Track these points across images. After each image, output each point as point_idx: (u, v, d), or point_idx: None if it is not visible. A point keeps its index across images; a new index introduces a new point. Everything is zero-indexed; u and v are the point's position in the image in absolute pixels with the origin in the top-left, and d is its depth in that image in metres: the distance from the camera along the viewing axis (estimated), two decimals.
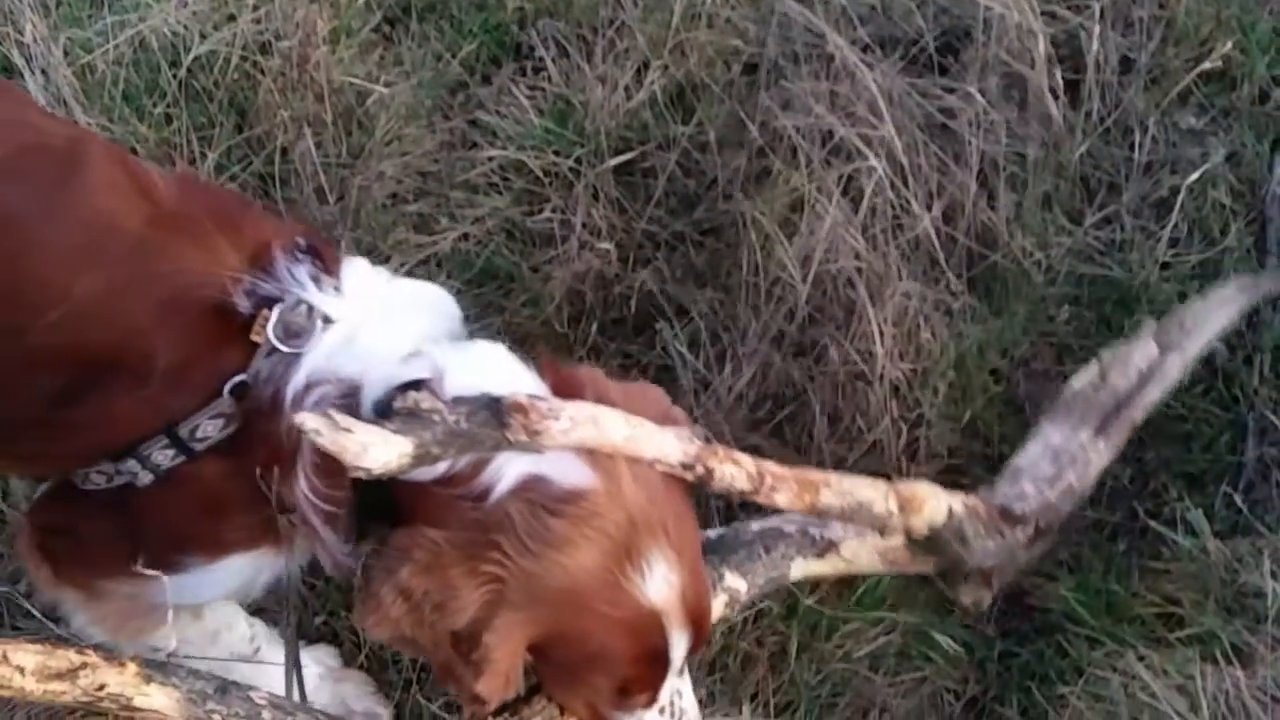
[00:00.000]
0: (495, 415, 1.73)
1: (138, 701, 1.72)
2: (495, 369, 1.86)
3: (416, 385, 1.80)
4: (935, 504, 2.24)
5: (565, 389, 1.84)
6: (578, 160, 3.01)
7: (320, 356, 1.85)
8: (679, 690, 1.89)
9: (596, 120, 3.03)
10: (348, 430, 1.66)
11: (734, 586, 2.22)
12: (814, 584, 2.48)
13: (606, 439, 1.77)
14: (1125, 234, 2.96)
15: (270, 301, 1.87)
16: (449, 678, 1.85)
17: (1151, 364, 2.54)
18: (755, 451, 2.62)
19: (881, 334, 2.64)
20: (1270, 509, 2.54)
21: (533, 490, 1.76)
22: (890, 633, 2.53)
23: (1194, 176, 2.97)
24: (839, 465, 2.58)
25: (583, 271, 2.92)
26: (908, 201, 2.80)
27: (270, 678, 2.24)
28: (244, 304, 1.86)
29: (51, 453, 1.96)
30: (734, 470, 1.92)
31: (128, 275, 1.87)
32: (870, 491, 2.13)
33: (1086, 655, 2.40)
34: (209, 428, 1.87)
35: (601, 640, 1.79)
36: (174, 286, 1.86)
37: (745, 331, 2.73)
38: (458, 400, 1.75)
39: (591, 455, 1.78)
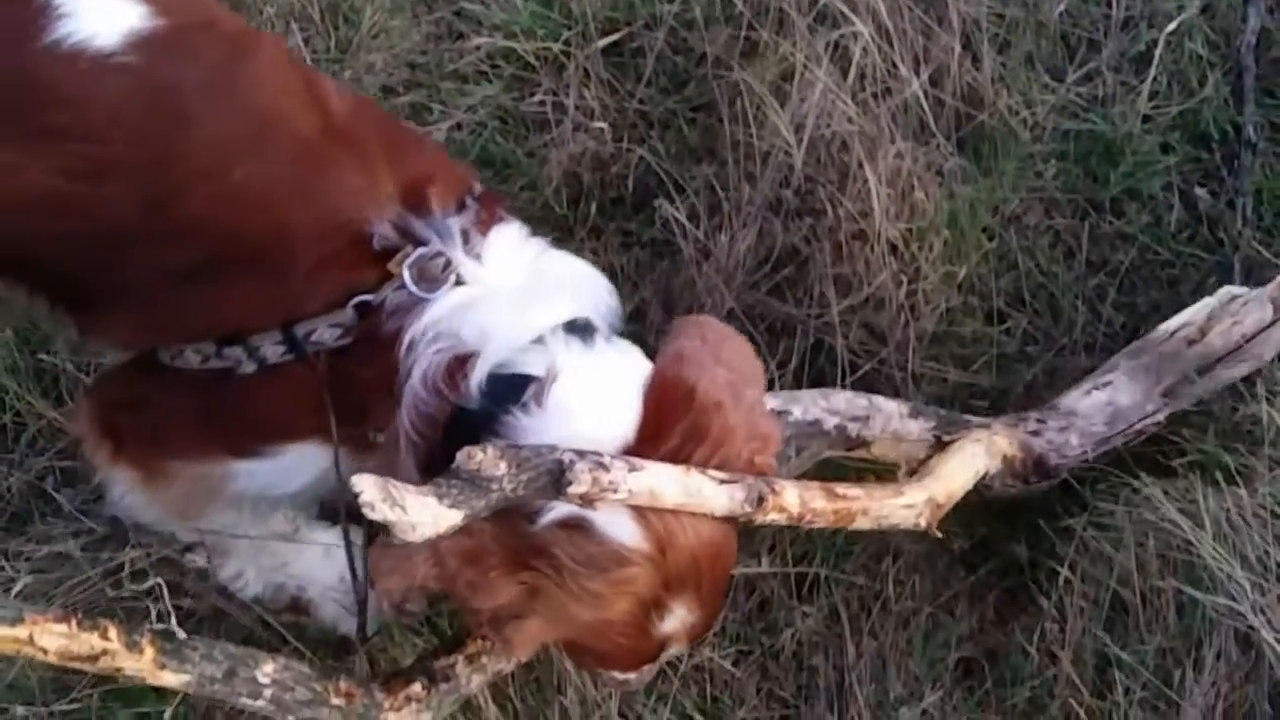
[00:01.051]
0: (554, 484, 1.75)
1: (151, 683, 1.79)
2: (607, 387, 1.85)
3: (524, 381, 1.82)
4: (971, 481, 2.32)
5: (671, 407, 1.85)
6: (566, 43, 3.03)
7: (445, 310, 1.87)
8: None
9: (583, 2, 3.05)
10: (400, 507, 1.67)
11: None
12: None
13: (659, 504, 1.81)
14: (1106, 89, 3.03)
15: (414, 240, 1.89)
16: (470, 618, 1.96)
17: (1259, 329, 2.51)
18: (759, 317, 2.75)
19: (878, 194, 2.70)
20: None
21: (578, 532, 1.80)
22: None
23: (1170, 29, 3.05)
24: (843, 321, 2.67)
25: (578, 153, 2.95)
26: (895, 65, 2.85)
27: (307, 557, 2.31)
28: (388, 234, 1.89)
29: (156, 324, 1.97)
30: (778, 516, 1.98)
31: (289, 177, 1.89)
32: (905, 513, 2.19)
33: (1091, 490, 2.48)
34: (325, 334, 1.89)
35: (607, 651, 1.90)
36: (329, 200, 1.88)
37: (742, 199, 2.78)
38: (524, 460, 1.75)
39: (640, 511, 1.81)
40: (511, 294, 1.89)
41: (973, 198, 2.84)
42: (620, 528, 1.80)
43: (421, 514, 1.68)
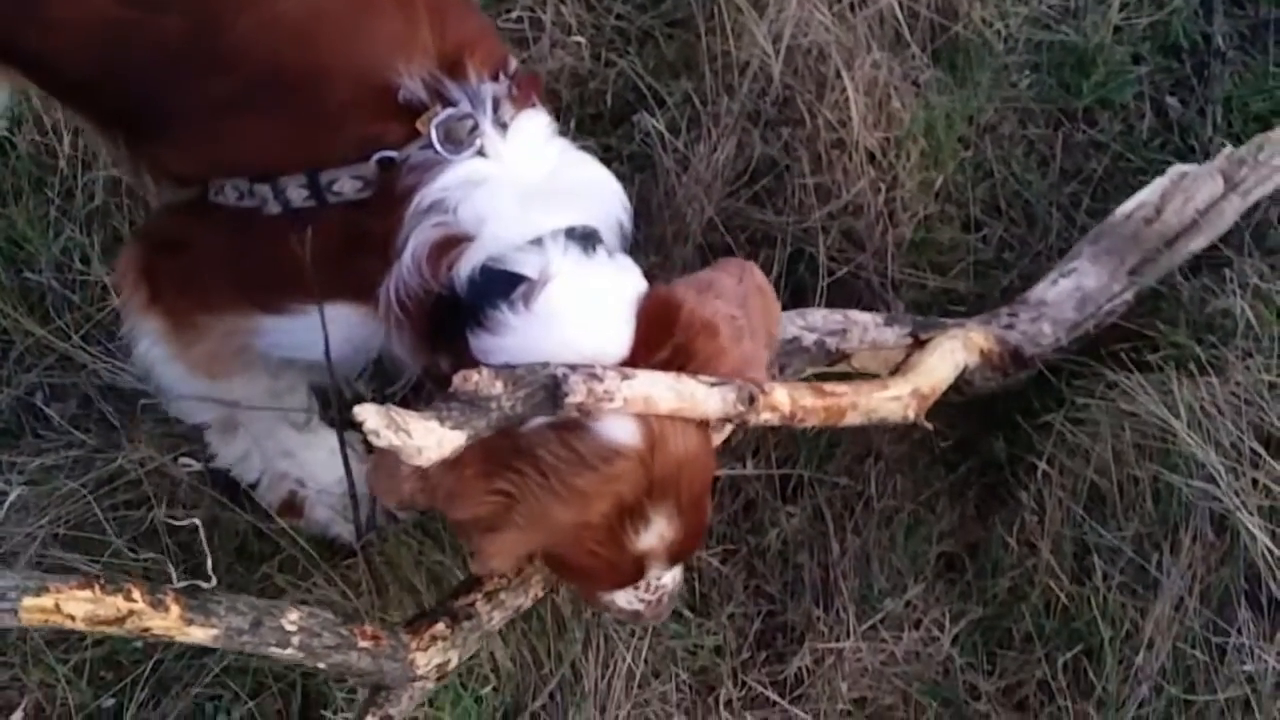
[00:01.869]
0: (551, 398, 1.76)
1: (179, 639, 1.79)
2: (597, 301, 1.84)
3: (515, 279, 1.81)
4: (951, 375, 2.35)
5: (658, 324, 1.85)
6: None
7: (458, 179, 1.86)
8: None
9: None
10: (405, 432, 1.67)
11: None
12: None
13: (654, 410, 1.82)
14: (1078, 1, 3.07)
15: (445, 101, 1.89)
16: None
17: (1211, 203, 2.56)
18: (739, 228, 2.78)
19: (855, 103, 2.74)
20: (1230, 243, 2.67)
21: (570, 433, 1.80)
22: None
23: None
24: (823, 229, 2.70)
25: (556, 69, 2.97)
26: None
27: (314, 450, 2.36)
28: (418, 90, 1.89)
29: (202, 155, 1.99)
30: (769, 415, 2.00)
31: (332, 14, 1.92)
32: (892, 405, 2.23)
33: (1067, 385, 2.52)
34: (347, 185, 1.89)
35: (585, 564, 1.90)
36: (366, 45, 1.90)
37: (721, 111, 2.81)
38: (519, 378, 1.75)
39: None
40: (523, 186, 1.88)
41: (948, 108, 2.88)
42: (616, 428, 1.80)
43: (426, 438, 1.69)
